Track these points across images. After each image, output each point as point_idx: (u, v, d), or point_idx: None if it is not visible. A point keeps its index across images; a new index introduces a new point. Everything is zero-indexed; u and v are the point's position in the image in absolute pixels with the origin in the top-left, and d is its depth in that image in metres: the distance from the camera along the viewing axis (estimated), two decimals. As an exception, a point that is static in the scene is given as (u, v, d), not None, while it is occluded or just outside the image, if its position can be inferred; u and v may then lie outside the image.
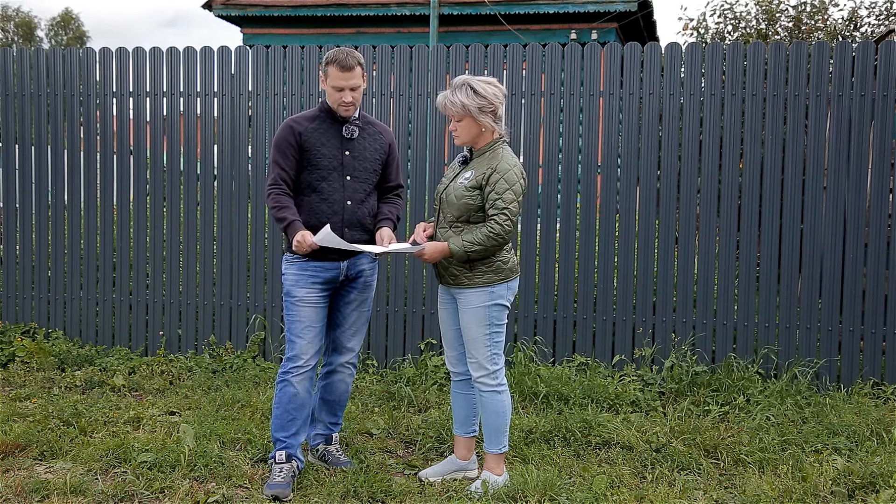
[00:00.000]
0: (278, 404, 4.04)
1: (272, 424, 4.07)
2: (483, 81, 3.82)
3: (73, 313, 6.33)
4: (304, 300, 4.02)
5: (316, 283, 4.03)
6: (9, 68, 6.36)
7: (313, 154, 4.01)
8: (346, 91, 3.95)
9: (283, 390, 4.03)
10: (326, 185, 4.01)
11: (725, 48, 5.65)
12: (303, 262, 4.02)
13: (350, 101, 3.97)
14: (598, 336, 5.82)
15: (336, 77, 3.93)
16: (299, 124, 4.04)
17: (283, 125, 4.07)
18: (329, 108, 4.06)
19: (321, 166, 4.01)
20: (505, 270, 3.88)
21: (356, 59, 3.94)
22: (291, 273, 4.06)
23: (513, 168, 3.81)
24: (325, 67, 3.97)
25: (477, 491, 3.87)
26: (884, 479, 3.99)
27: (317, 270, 4.02)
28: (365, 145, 4.11)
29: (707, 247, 5.73)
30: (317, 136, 4.02)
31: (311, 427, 4.29)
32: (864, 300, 5.58)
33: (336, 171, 4.02)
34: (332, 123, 4.06)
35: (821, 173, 5.58)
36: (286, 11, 13.81)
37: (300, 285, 4.03)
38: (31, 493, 3.81)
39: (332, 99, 4.00)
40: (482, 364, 3.89)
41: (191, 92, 6.15)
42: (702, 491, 3.97)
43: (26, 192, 6.38)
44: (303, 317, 4.03)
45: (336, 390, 4.27)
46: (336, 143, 4.04)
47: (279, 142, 4.02)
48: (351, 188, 4.05)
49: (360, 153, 4.09)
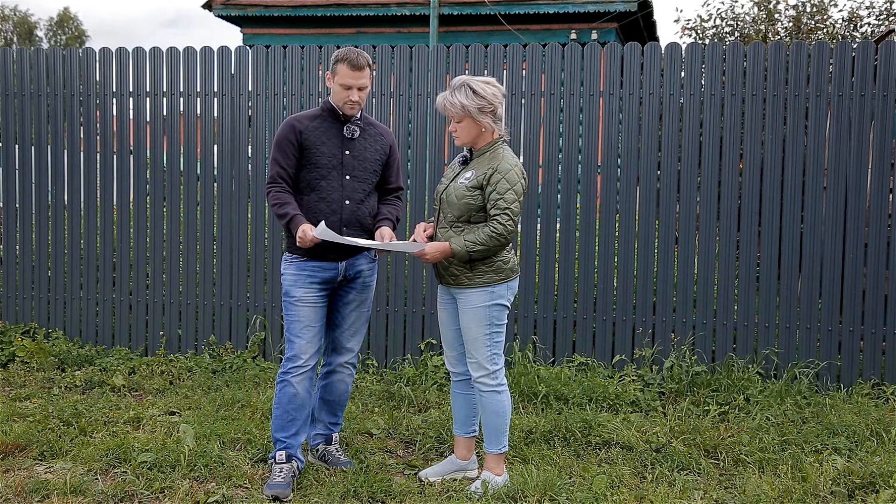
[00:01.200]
0: (278, 404, 4.04)
1: (272, 424, 4.07)
2: (482, 82, 3.82)
3: (73, 313, 6.33)
4: (302, 300, 4.02)
5: (314, 282, 4.03)
6: (9, 68, 6.36)
7: (313, 152, 4.01)
8: (353, 90, 3.97)
9: (282, 390, 4.03)
10: (325, 184, 4.01)
11: (725, 48, 5.66)
12: (301, 262, 4.03)
13: (356, 99, 3.99)
14: (598, 336, 5.82)
15: (346, 75, 3.95)
16: (300, 122, 4.04)
17: (285, 123, 4.08)
18: (332, 107, 4.07)
19: (321, 165, 4.01)
20: (505, 270, 3.88)
21: (366, 60, 3.97)
22: (290, 273, 4.06)
23: (514, 168, 3.81)
24: (334, 65, 3.99)
25: (477, 491, 3.87)
26: (884, 479, 3.99)
27: (315, 270, 4.02)
28: (365, 145, 4.11)
29: (707, 247, 5.73)
30: (317, 134, 4.03)
31: (311, 427, 4.29)
32: (864, 300, 5.58)
33: (336, 169, 4.03)
34: (333, 122, 4.07)
35: (821, 173, 5.58)
36: (286, 11, 13.81)
37: (298, 285, 4.03)
38: (31, 493, 3.81)
39: (338, 97, 4.01)
40: (482, 364, 3.89)
41: (191, 92, 6.15)
42: (702, 491, 3.97)
43: (26, 192, 6.38)
44: (301, 316, 4.03)
45: (336, 390, 4.27)
46: (337, 142, 4.05)
47: (280, 140, 4.03)
48: (350, 187, 4.05)
49: (361, 153, 4.09)
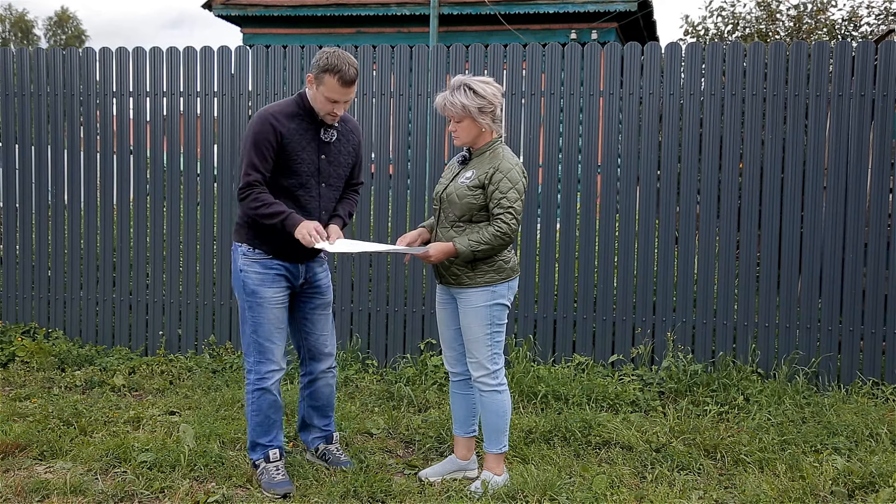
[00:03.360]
0: (258, 412, 3.91)
1: (252, 432, 3.96)
2: (482, 81, 3.81)
3: (73, 313, 6.33)
4: (271, 300, 3.85)
5: (281, 282, 3.87)
6: (9, 68, 6.36)
7: (294, 159, 3.78)
8: (340, 104, 3.76)
9: (261, 398, 3.90)
10: (303, 193, 3.84)
11: (725, 48, 5.65)
12: (266, 260, 3.84)
13: (340, 113, 3.81)
14: (597, 336, 5.82)
15: (334, 90, 3.70)
16: (281, 123, 3.76)
17: (262, 120, 3.75)
18: (309, 107, 3.83)
19: (301, 172, 3.80)
20: (506, 270, 3.88)
21: (356, 71, 3.71)
22: (255, 271, 3.84)
23: (515, 167, 3.81)
24: (322, 74, 3.69)
25: (477, 491, 3.87)
26: (883, 478, 3.99)
27: (281, 269, 3.87)
28: (340, 149, 3.94)
29: (707, 247, 5.73)
30: (297, 138, 3.79)
31: (306, 433, 4.27)
32: (864, 300, 5.58)
33: (313, 177, 3.84)
34: (310, 124, 3.84)
35: (821, 173, 5.59)
36: (286, 11, 13.81)
37: (267, 285, 3.84)
38: (31, 493, 3.81)
39: (321, 107, 3.78)
40: (482, 364, 3.89)
41: (191, 92, 6.15)
42: (701, 491, 3.97)
43: (26, 192, 6.38)
44: (272, 318, 3.86)
45: (323, 395, 4.20)
46: (314, 146, 3.84)
47: (259, 140, 3.72)
48: (326, 197, 3.91)
49: (336, 158, 3.92)
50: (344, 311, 6.03)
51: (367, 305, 6.02)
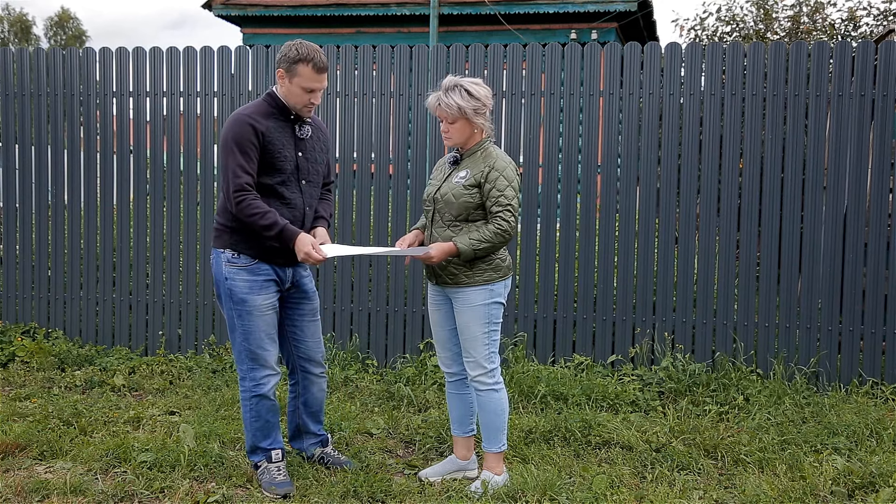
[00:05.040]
0: (257, 418, 3.90)
1: (252, 437, 3.95)
2: (474, 83, 3.82)
3: (73, 313, 6.33)
4: (262, 307, 3.80)
5: (270, 287, 3.83)
6: (9, 68, 6.36)
7: (276, 157, 3.75)
8: (316, 93, 3.73)
9: (259, 404, 3.89)
10: (286, 191, 3.80)
11: (725, 48, 5.65)
12: (254, 265, 3.79)
13: (316, 102, 3.78)
14: (597, 336, 5.82)
15: (309, 78, 3.68)
16: (259, 122, 3.72)
17: (239, 121, 3.71)
18: (282, 105, 3.79)
19: (283, 170, 3.77)
20: (503, 268, 3.89)
21: (326, 57, 3.73)
22: (243, 279, 3.78)
23: (509, 165, 3.84)
24: (294, 65, 3.67)
25: (477, 491, 3.88)
26: (883, 478, 3.99)
27: (268, 273, 3.83)
28: (314, 145, 3.93)
29: (707, 246, 5.73)
30: (277, 135, 3.76)
31: (299, 441, 4.25)
32: (864, 300, 5.58)
33: (293, 174, 3.81)
34: (285, 122, 3.81)
35: (821, 173, 5.59)
36: (286, 11, 13.82)
37: (256, 292, 3.79)
38: (31, 493, 3.81)
39: (297, 99, 3.74)
40: (480, 363, 3.89)
41: (191, 92, 6.15)
42: (701, 491, 3.97)
43: (26, 192, 6.38)
44: (263, 326, 3.82)
45: (317, 401, 4.19)
46: (291, 143, 3.81)
47: (241, 141, 3.67)
48: (308, 193, 3.89)
49: (311, 154, 3.91)
50: (344, 311, 6.03)
51: (367, 305, 6.02)
